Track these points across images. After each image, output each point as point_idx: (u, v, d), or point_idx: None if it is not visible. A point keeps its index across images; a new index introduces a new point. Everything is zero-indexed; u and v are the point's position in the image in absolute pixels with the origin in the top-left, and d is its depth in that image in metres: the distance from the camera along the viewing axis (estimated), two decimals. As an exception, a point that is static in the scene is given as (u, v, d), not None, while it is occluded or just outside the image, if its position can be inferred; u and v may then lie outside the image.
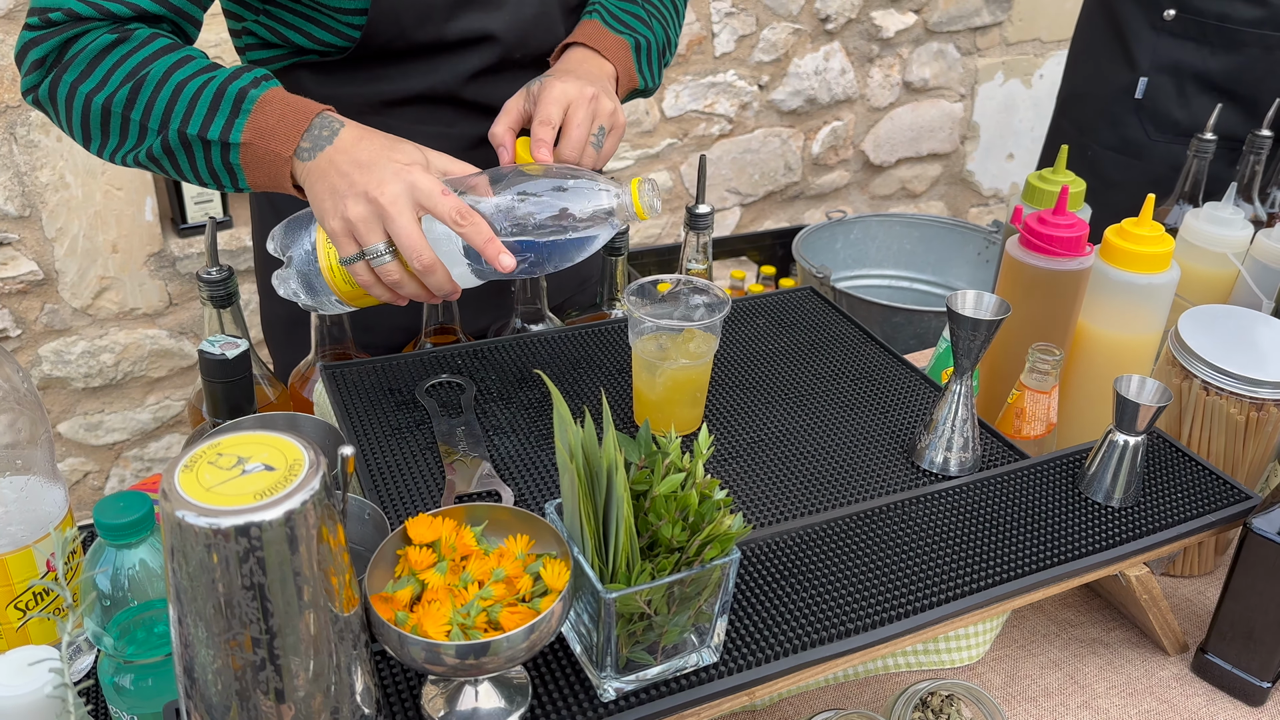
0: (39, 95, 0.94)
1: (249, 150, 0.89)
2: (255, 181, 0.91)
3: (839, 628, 0.75)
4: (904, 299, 2.15)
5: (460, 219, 0.83)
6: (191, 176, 0.92)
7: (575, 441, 0.66)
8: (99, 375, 2.22)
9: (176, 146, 0.90)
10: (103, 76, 0.90)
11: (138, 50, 0.91)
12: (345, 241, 0.86)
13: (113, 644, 0.69)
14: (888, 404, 1.02)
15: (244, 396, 0.88)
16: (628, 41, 1.09)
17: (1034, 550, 0.84)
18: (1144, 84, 1.89)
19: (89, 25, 0.92)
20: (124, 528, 0.67)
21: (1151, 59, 1.88)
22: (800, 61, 2.79)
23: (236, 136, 0.88)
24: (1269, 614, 0.86)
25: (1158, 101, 1.90)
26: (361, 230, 0.84)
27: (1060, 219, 1.02)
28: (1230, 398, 0.95)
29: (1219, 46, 1.83)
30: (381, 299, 0.88)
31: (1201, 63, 1.86)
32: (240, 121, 0.88)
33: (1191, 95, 1.88)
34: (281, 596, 0.55)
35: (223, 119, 0.88)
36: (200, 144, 0.89)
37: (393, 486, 0.88)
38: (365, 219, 0.84)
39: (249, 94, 0.89)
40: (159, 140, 0.90)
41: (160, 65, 0.90)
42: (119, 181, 2.09)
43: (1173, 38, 1.86)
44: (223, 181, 0.92)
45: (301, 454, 0.57)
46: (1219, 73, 1.86)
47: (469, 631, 0.62)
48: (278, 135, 0.88)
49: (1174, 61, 1.87)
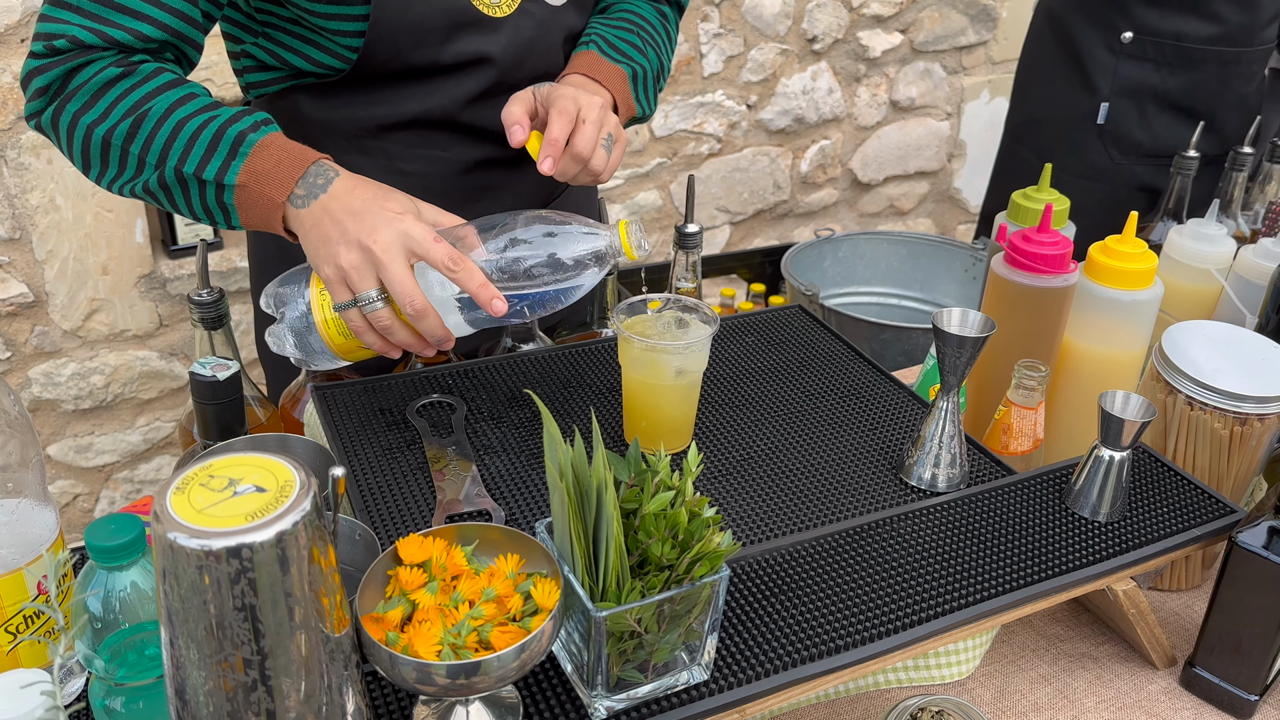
0: (41, 122, 0.96)
1: (243, 192, 0.90)
2: (248, 221, 0.93)
3: (829, 644, 0.75)
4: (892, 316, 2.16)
5: (453, 264, 0.85)
6: (186, 211, 0.94)
7: (565, 460, 0.66)
8: (89, 397, 2.21)
9: (173, 183, 0.92)
10: (105, 109, 0.92)
11: (141, 85, 0.92)
12: (339, 288, 0.87)
13: (104, 666, 0.69)
14: (876, 421, 1.03)
15: (235, 418, 0.88)
16: (625, 71, 1.10)
17: (1022, 565, 0.84)
18: (1105, 109, 1.91)
19: (93, 55, 0.93)
20: (115, 550, 0.67)
21: (1112, 83, 1.90)
22: (788, 81, 2.81)
23: (232, 178, 0.90)
24: (1256, 627, 0.86)
25: (1120, 125, 1.92)
26: (354, 277, 0.86)
27: (1045, 236, 1.03)
28: (1214, 412, 0.96)
29: (1176, 66, 1.86)
30: (374, 348, 0.90)
31: (1161, 83, 1.88)
32: (236, 164, 0.90)
33: (1152, 116, 1.90)
34: (273, 617, 0.55)
35: (219, 160, 0.90)
36: (196, 183, 0.91)
37: (383, 507, 0.88)
38: (358, 266, 0.86)
39: (248, 137, 0.90)
40: (156, 175, 0.92)
41: (162, 101, 0.92)
42: (109, 204, 2.09)
43: (1132, 60, 1.87)
44: (216, 219, 0.94)
45: (292, 475, 0.57)
46: (1177, 91, 1.88)
47: (460, 651, 0.62)
48: (273, 180, 0.89)
49: (1134, 84, 1.89)
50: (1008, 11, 3.04)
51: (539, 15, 1.10)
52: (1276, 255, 1.20)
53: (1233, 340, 1.02)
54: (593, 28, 1.16)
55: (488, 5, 1.06)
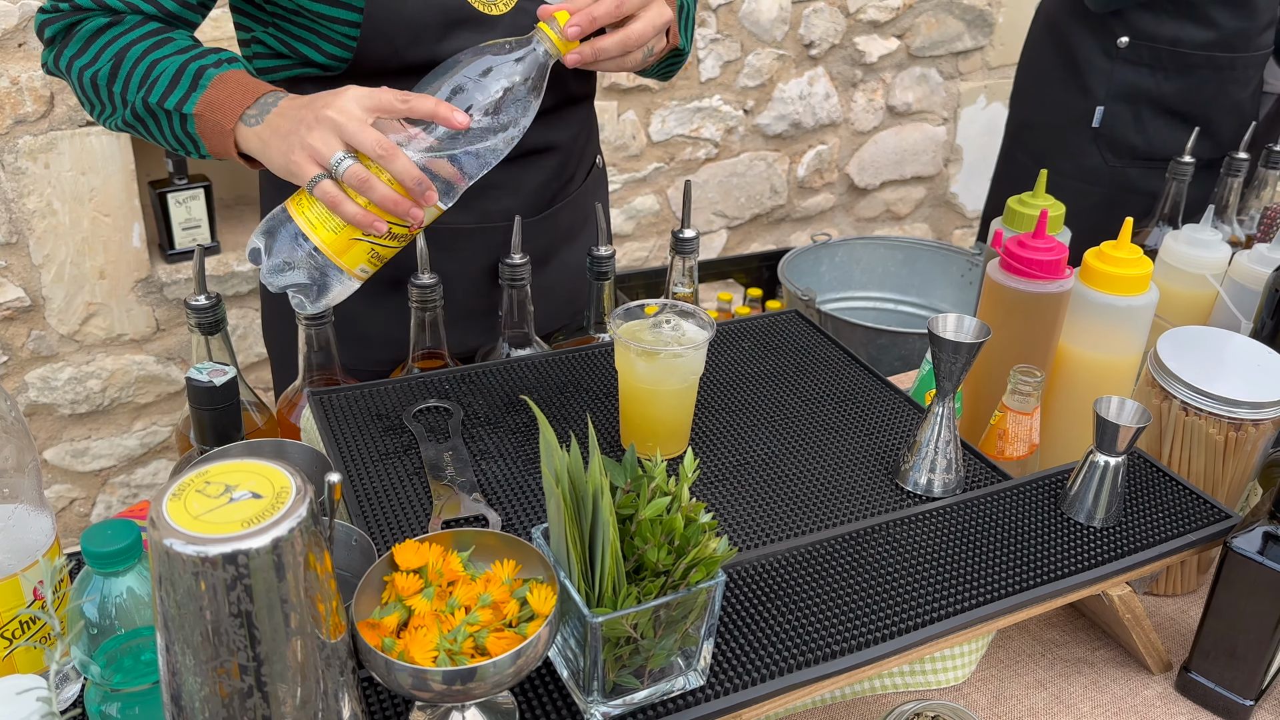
0: (50, 66, 1.07)
1: (201, 122, 0.96)
2: (213, 149, 0.98)
3: (825, 649, 0.75)
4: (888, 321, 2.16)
5: (399, 100, 0.86)
6: (163, 141, 1.02)
7: (561, 466, 0.66)
8: (85, 401, 2.21)
9: (145, 114, 1.00)
10: (94, 54, 1.02)
11: (126, 33, 1.02)
12: (308, 168, 0.87)
13: (100, 672, 0.69)
14: (872, 426, 1.03)
15: (231, 423, 0.88)
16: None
17: (1018, 571, 0.84)
18: (1101, 113, 1.91)
19: (89, 13, 1.04)
20: (111, 556, 0.67)
21: (1107, 87, 1.91)
22: (785, 86, 2.82)
23: (190, 108, 0.97)
24: (1251, 632, 0.87)
25: (1115, 129, 1.93)
26: (320, 148, 0.87)
27: (1040, 242, 1.03)
28: (1209, 418, 0.96)
29: (1172, 71, 1.86)
30: (359, 222, 0.86)
31: (1156, 88, 1.88)
32: (195, 95, 0.96)
33: (1147, 120, 1.91)
34: (269, 624, 0.56)
35: (180, 93, 0.97)
36: (162, 113, 0.99)
37: (379, 512, 0.88)
38: (321, 137, 0.87)
39: (207, 71, 0.97)
40: (130, 109, 1.00)
41: (141, 46, 1.01)
42: (106, 208, 2.09)
43: (1127, 65, 1.88)
44: (188, 147, 1.01)
45: (289, 481, 0.57)
46: (1173, 96, 1.88)
47: (456, 657, 0.62)
48: (225, 109, 0.95)
49: (1129, 88, 1.90)
50: (1004, 17, 3.04)
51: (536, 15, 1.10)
52: (1271, 261, 1.20)
53: (1228, 346, 1.02)
54: None
55: (484, 3, 1.06)
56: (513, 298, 1.12)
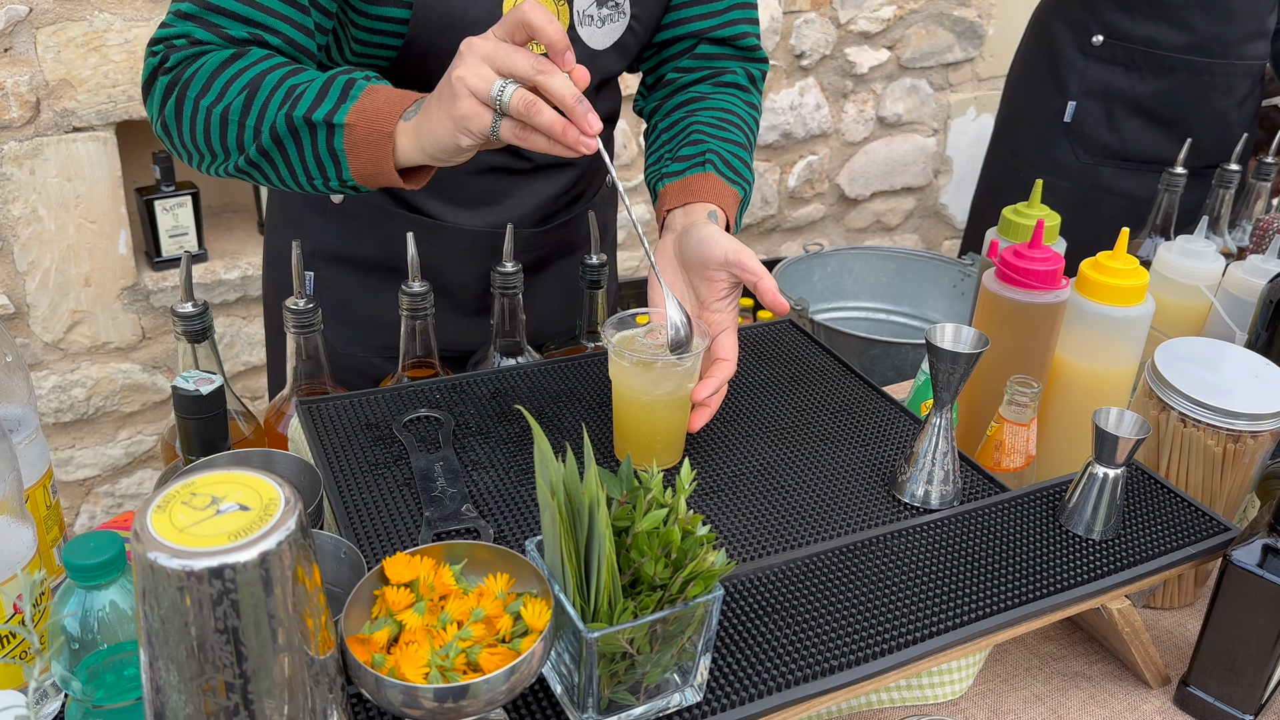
0: (165, 116, 0.97)
1: (352, 133, 0.89)
2: (358, 169, 0.90)
3: (822, 664, 0.74)
4: (881, 331, 2.15)
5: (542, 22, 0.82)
6: (299, 168, 0.93)
7: (556, 477, 0.65)
8: (70, 410, 2.19)
9: (285, 134, 0.91)
10: (222, 88, 0.93)
11: (255, 65, 0.94)
12: (478, 114, 0.82)
13: (81, 688, 0.67)
14: (868, 437, 1.02)
15: (218, 433, 0.87)
16: (739, 193, 1.08)
17: (1016, 584, 0.84)
18: (1073, 108, 1.92)
19: (207, 48, 0.96)
20: (94, 569, 0.66)
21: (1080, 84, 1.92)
22: (776, 97, 2.82)
23: (341, 118, 0.89)
24: (1250, 646, 0.86)
25: (1086, 125, 1.94)
26: (474, 80, 0.82)
27: (1036, 252, 1.03)
28: (1207, 430, 0.95)
29: (1147, 72, 1.87)
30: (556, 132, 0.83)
31: (1130, 88, 1.89)
32: (346, 105, 0.89)
33: (1121, 120, 1.92)
34: (256, 640, 0.54)
35: (330, 103, 0.90)
36: (307, 128, 0.90)
37: (369, 524, 0.86)
38: (473, 68, 0.82)
39: (358, 83, 0.90)
40: (268, 132, 0.92)
41: (277, 73, 0.93)
42: (93, 215, 2.07)
43: (1101, 63, 1.89)
44: (327, 173, 0.92)
45: (277, 493, 0.56)
46: (1147, 97, 1.89)
47: (448, 674, 0.61)
48: (383, 115, 0.88)
49: (1103, 86, 1.91)
50: (994, 29, 3.06)
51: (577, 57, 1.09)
52: (1265, 272, 1.20)
53: (1225, 357, 1.01)
54: (706, 137, 1.10)
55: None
56: (504, 305, 1.11)
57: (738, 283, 0.97)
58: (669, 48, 1.20)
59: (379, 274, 1.21)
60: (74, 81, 1.98)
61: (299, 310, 1.02)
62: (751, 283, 0.95)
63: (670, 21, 1.18)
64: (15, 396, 0.88)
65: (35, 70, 1.94)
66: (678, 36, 1.18)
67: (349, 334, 1.23)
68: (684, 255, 0.99)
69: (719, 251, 0.95)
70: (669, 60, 1.21)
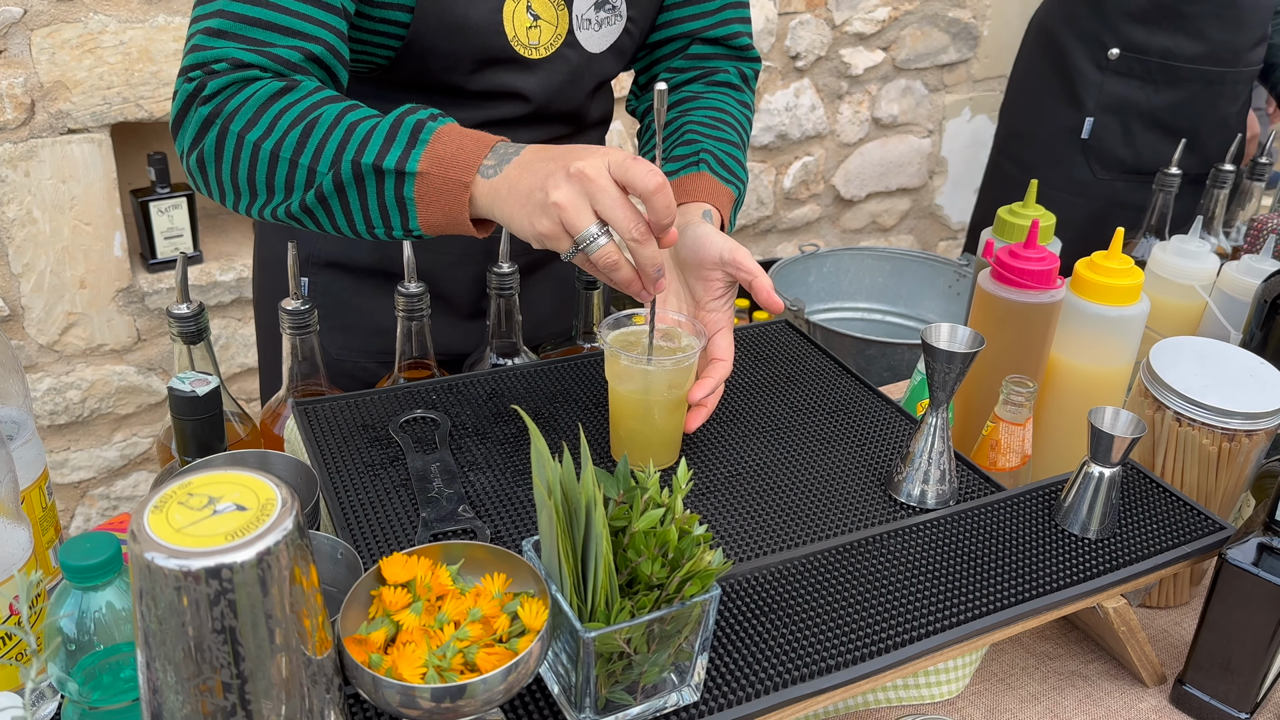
0: (204, 151, 0.89)
1: (425, 181, 0.84)
2: (428, 219, 0.85)
3: (819, 664, 0.74)
4: (876, 331, 2.16)
5: (650, 184, 0.78)
6: (359, 216, 0.87)
7: (554, 477, 0.65)
8: (65, 412, 2.18)
9: (349, 181, 0.85)
10: (270, 121, 0.86)
11: (307, 97, 0.88)
12: (558, 238, 0.80)
13: (78, 690, 0.67)
14: (864, 437, 1.02)
15: (214, 434, 0.87)
16: (733, 192, 1.07)
17: (1012, 583, 0.84)
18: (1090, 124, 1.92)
19: (252, 73, 0.88)
20: (90, 569, 0.65)
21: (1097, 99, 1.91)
22: (771, 98, 2.82)
23: (414, 166, 0.84)
24: (1245, 645, 0.86)
25: (1104, 141, 1.93)
26: (570, 215, 0.78)
27: (1031, 252, 1.03)
28: (1203, 428, 0.96)
29: (1162, 84, 1.87)
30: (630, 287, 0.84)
31: (1146, 100, 1.89)
32: (417, 152, 0.84)
33: (1136, 133, 1.92)
34: (253, 640, 0.54)
35: (400, 149, 0.84)
36: (374, 175, 0.84)
37: (366, 525, 0.86)
38: (572, 200, 0.78)
39: (426, 125, 0.85)
40: (330, 177, 0.85)
41: (331, 110, 0.87)
42: (87, 216, 2.07)
43: (1118, 76, 1.89)
44: (391, 221, 0.87)
45: (274, 493, 0.56)
46: (1163, 109, 1.89)
47: (445, 674, 0.61)
48: (458, 163, 0.83)
49: (1119, 100, 1.90)
50: (989, 30, 3.06)
51: (575, 61, 1.09)
52: (1260, 271, 1.20)
53: (1220, 356, 1.02)
54: (699, 136, 1.09)
55: (525, 47, 1.05)
56: (500, 306, 1.11)
57: (733, 282, 0.97)
58: (662, 48, 1.20)
59: (374, 279, 1.20)
60: (69, 83, 1.97)
61: (295, 311, 1.02)
62: (747, 281, 0.95)
63: (664, 22, 1.18)
64: (10, 398, 0.88)
65: (30, 72, 1.94)
66: (671, 37, 1.19)
67: (344, 339, 1.22)
68: (679, 255, 0.99)
69: (714, 250, 0.95)
70: (662, 60, 1.21)
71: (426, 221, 0.86)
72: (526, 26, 1.04)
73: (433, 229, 0.86)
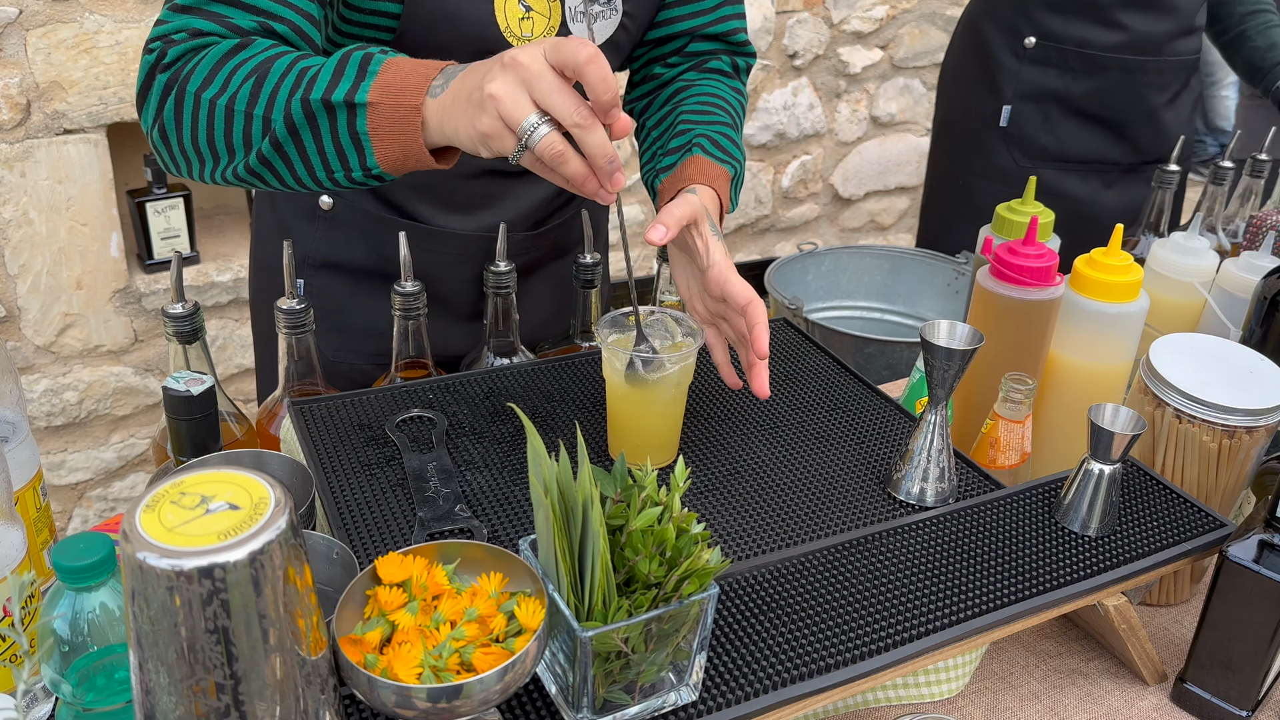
0: (164, 119, 0.89)
1: (377, 112, 0.82)
2: (385, 153, 0.83)
3: (818, 663, 0.74)
4: (875, 330, 2.15)
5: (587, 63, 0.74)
6: (316, 159, 0.85)
7: (550, 476, 0.65)
8: (62, 414, 2.18)
9: (301, 122, 0.84)
10: (225, 78, 0.86)
11: (261, 53, 0.87)
12: (501, 135, 0.77)
13: (71, 691, 0.67)
14: (863, 435, 1.02)
15: (209, 434, 0.86)
16: (728, 171, 1.06)
17: (1012, 581, 0.83)
18: (1008, 112, 1.92)
19: (209, 39, 0.89)
20: (83, 570, 0.65)
21: (1015, 87, 1.91)
22: (769, 97, 2.82)
23: (363, 96, 0.82)
24: (1246, 642, 0.86)
25: (1023, 129, 1.93)
26: (507, 106, 0.75)
27: (1030, 249, 1.03)
28: (1203, 425, 0.95)
29: (1080, 72, 1.86)
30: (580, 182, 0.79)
31: (1064, 88, 1.89)
32: (366, 83, 0.82)
33: (1057, 121, 1.91)
34: (246, 640, 0.54)
35: (349, 81, 0.82)
36: (325, 111, 0.83)
37: (361, 524, 0.86)
38: (508, 90, 0.75)
39: (375, 57, 0.83)
40: (282, 121, 0.84)
41: (285, 59, 0.86)
42: (84, 217, 2.06)
43: (1035, 65, 1.88)
44: (350, 161, 0.85)
45: (267, 492, 0.55)
46: (1082, 97, 1.88)
47: (441, 674, 0.60)
48: (408, 88, 0.81)
49: (1037, 88, 1.90)
50: (987, 28, 3.05)
51: None
52: (1259, 268, 1.20)
53: (1220, 353, 1.01)
54: (692, 124, 1.08)
55: (517, 39, 1.04)
56: (498, 305, 1.11)
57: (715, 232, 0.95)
58: (661, 46, 1.20)
59: (370, 280, 1.20)
60: (65, 83, 1.97)
61: (290, 310, 1.01)
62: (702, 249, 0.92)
63: (663, 20, 1.18)
64: (4, 399, 0.87)
65: (25, 72, 1.93)
66: (670, 35, 1.18)
67: (341, 341, 1.22)
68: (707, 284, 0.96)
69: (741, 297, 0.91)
70: (659, 59, 1.21)
71: (384, 156, 0.84)
72: (519, 18, 1.04)
73: (392, 165, 0.84)
